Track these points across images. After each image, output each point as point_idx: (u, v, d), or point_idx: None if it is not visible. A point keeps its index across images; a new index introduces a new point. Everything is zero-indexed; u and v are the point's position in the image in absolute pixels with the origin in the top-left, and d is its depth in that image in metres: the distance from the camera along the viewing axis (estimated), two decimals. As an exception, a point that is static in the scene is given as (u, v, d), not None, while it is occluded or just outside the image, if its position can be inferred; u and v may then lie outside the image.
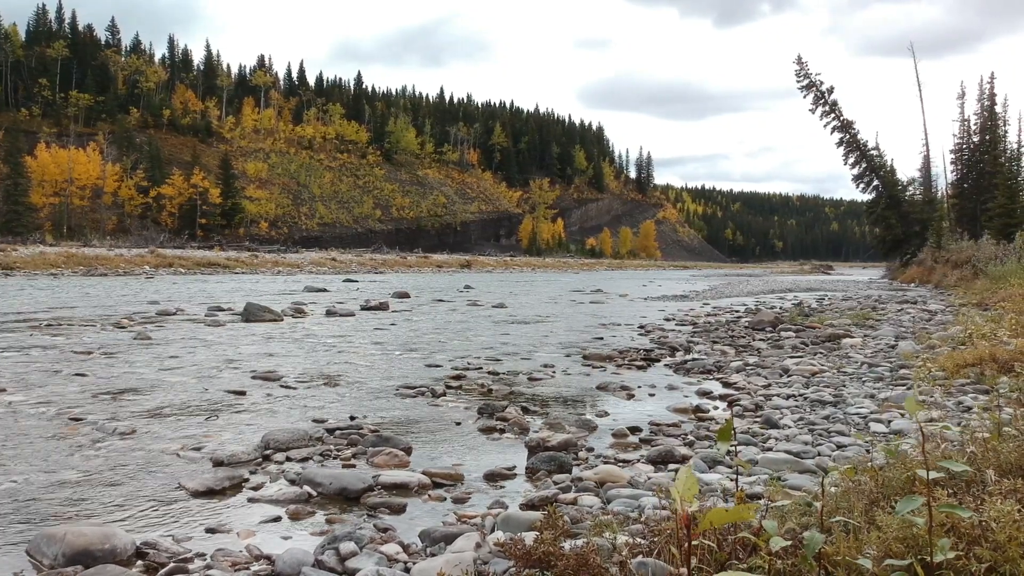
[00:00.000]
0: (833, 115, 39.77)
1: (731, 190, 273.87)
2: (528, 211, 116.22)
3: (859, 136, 39.65)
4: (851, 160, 39.83)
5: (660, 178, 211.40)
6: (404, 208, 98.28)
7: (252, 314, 11.94)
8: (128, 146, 75.71)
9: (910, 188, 39.45)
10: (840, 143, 39.88)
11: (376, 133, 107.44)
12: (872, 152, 39.45)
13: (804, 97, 40.04)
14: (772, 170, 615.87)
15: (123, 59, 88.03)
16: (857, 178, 40.09)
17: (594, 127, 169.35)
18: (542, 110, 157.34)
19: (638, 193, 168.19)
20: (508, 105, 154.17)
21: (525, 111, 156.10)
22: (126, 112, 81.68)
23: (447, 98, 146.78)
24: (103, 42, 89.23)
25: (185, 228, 72.47)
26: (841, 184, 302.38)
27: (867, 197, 41.40)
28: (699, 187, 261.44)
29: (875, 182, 39.66)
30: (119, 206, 71.15)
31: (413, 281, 26.79)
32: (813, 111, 39.92)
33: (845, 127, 39.64)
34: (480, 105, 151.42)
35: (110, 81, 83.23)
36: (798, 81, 39.75)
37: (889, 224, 39.01)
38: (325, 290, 22.21)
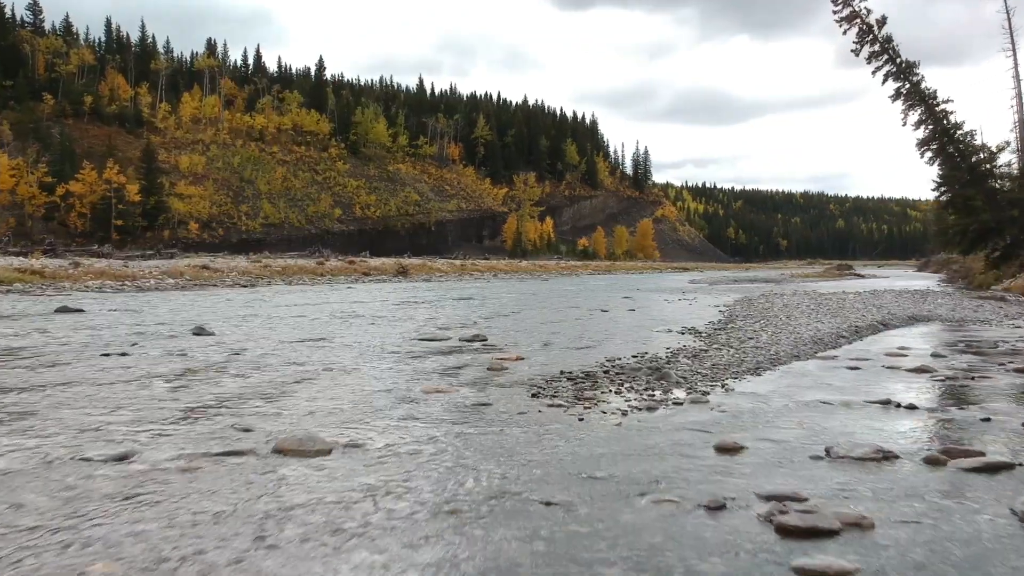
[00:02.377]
0: (886, 56, 28.89)
1: (732, 188, 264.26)
2: (514, 209, 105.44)
3: (924, 85, 28.71)
4: (913, 118, 28.90)
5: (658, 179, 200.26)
6: (370, 206, 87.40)
7: None
8: (35, 137, 65.05)
9: (1000, 157, 28.49)
10: (896, 95, 28.96)
11: (341, 124, 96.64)
12: (943, 107, 28.51)
13: (844, 32, 29.21)
14: (774, 170, 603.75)
15: (42, 41, 77.02)
16: (922, 143, 29.13)
17: (587, 120, 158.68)
18: (531, 102, 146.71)
19: (635, 190, 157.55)
20: (495, 97, 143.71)
21: (513, 103, 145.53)
22: (40, 99, 70.90)
23: (427, 90, 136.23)
24: (19, 21, 78.43)
25: (99, 230, 61.72)
26: (845, 182, 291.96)
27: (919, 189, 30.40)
28: (699, 185, 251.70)
29: (948, 148, 28.71)
30: (18, 206, 60.38)
31: (220, 307, 15.86)
32: (856, 51, 29.04)
33: (903, 72, 28.71)
34: (464, 97, 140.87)
35: (21, 64, 72.45)
36: (835, 9, 28.98)
37: (970, 207, 28.14)
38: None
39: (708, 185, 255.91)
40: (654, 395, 5.40)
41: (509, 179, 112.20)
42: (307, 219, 78.15)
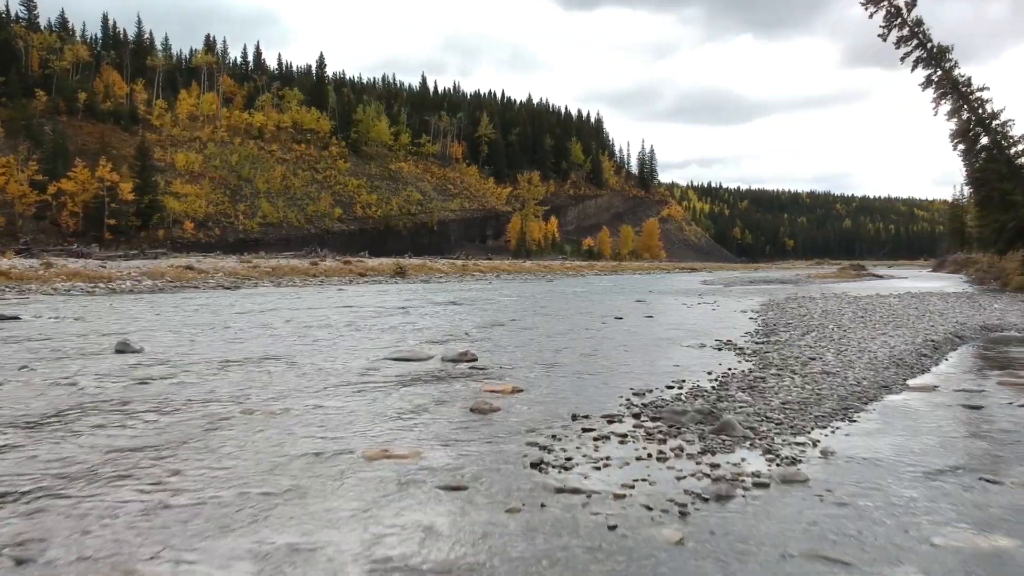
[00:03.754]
0: (915, 41, 26.94)
1: (738, 187, 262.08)
2: (518, 209, 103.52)
3: (957, 71, 26.76)
4: (945, 108, 26.93)
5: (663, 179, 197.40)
6: (371, 206, 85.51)
7: None
8: (27, 135, 63.37)
9: (1039, 147, 26.51)
10: (927, 83, 27.02)
11: (342, 122, 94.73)
12: (978, 95, 26.56)
13: (870, 16, 27.27)
14: (779, 170, 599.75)
15: (36, 36, 75.32)
16: (956, 135, 27.19)
17: (592, 118, 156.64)
18: (535, 101, 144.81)
19: (641, 189, 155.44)
20: (499, 95, 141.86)
21: (517, 101, 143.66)
22: (32, 96, 69.19)
23: (431, 88, 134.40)
24: (12, 16, 76.74)
25: (91, 230, 59.97)
26: (851, 181, 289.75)
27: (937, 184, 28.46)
28: (705, 184, 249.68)
29: (983, 139, 26.76)
30: (8, 205, 58.64)
31: (181, 314, 14.02)
32: (884, 36, 27.11)
33: (935, 58, 26.78)
34: (468, 95, 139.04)
35: (14, 60, 70.74)
36: (861, -10, 27.08)
37: (1008, 203, 26.18)
38: None
39: (713, 185, 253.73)
40: (717, 464, 3.53)
41: (513, 178, 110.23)
42: (306, 219, 76.25)
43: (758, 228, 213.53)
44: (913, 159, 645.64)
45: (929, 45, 26.44)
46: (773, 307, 15.11)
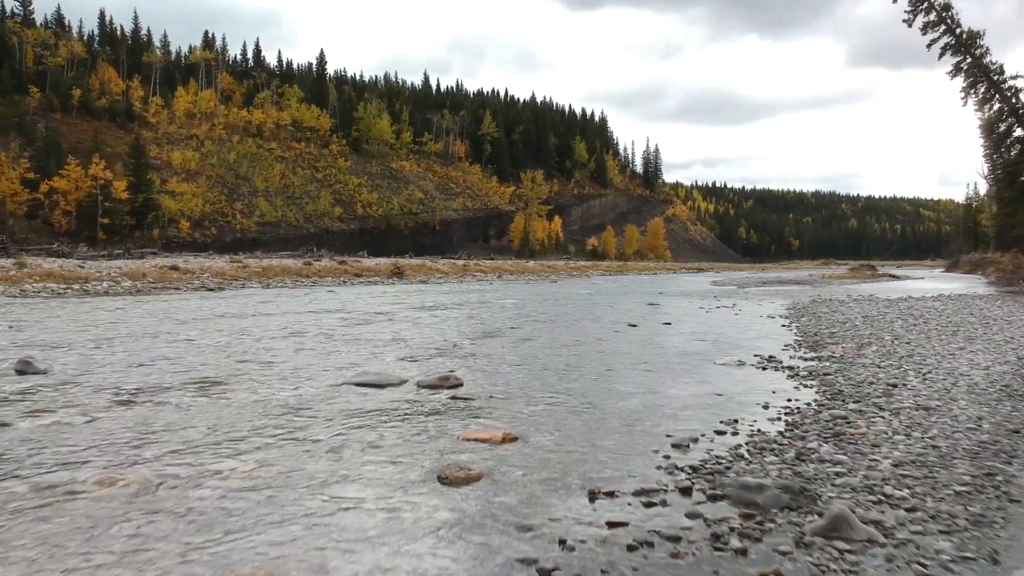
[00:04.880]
0: (943, 27, 25.33)
1: (743, 187, 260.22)
2: (521, 208, 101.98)
3: (988, 59, 25.15)
4: (976, 96, 25.31)
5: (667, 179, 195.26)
6: (372, 205, 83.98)
7: None
8: (19, 132, 62.01)
9: (1076, 138, 24.87)
10: (956, 70, 25.42)
11: (342, 120, 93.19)
12: (1011, 83, 24.92)
13: (894, 0, 25.65)
14: (783, 170, 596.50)
15: (30, 32, 73.88)
16: (987, 127, 25.56)
17: (596, 117, 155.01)
18: (539, 100, 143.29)
19: (645, 189, 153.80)
20: (502, 94, 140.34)
21: (520, 100, 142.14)
22: (26, 92, 67.82)
23: (433, 86, 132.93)
24: (7, 12, 75.35)
25: (85, 229, 58.59)
26: (856, 182, 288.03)
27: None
28: (709, 184, 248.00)
29: (1016, 130, 25.15)
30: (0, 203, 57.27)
31: (137, 320, 12.51)
32: (909, 22, 25.49)
33: (964, 45, 25.16)
34: (471, 94, 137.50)
35: (8, 56, 69.36)
36: (887, -24, 25.42)
37: (1042, 197, 24.58)
38: None
39: (718, 185, 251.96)
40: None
41: (516, 177, 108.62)
42: (305, 218, 74.67)
43: (763, 228, 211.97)
44: (917, 159, 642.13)
45: (958, 31, 24.83)
46: (803, 312, 13.54)
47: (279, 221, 71.25)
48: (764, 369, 6.54)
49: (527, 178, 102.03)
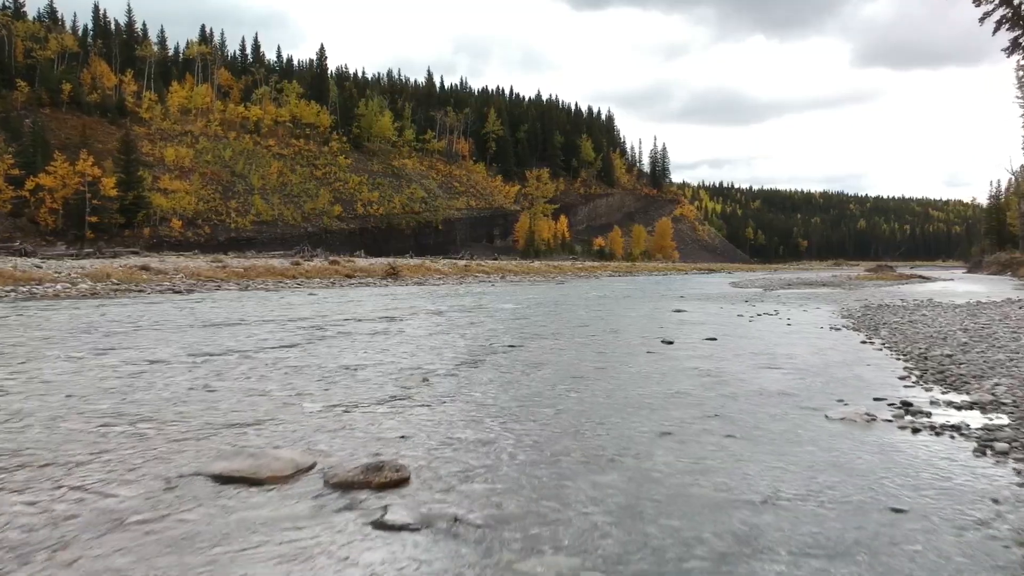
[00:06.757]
0: None
1: (750, 187, 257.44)
2: (526, 207, 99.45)
3: (1047, 35, 22.45)
4: (1033, 78, 22.59)
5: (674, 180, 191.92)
6: (372, 204, 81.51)
7: None
8: (5, 127, 59.75)
9: None
10: (1013, 47, 22.77)
11: (343, 116, 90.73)
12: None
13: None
14: (790, 170, 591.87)
15: (20, 25, 71.61)
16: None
17: (603, 116, 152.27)
18: (544, 98, 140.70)
19: (652, 188, 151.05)
20: (507, 92, 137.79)
21: (525, 98, 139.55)
22: (13, 87, 65.57)
23: (437, 84, 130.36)
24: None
25: (72, 227, 56.23)
26: (863, 182, 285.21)
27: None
28: (716, 184, 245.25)
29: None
30: (-18, 201, 54.97)
31: (55, 334, 9.81)
32: (959, -3, 22.80)
33: (1023, 17, 22.52)
34: (476, 92, 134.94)
35: (-4, 49, 67.22)
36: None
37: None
38: None
39: (725, 185, 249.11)
40: None
41: (521, 176, 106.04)
42: (303, 216, 72.18)
43: (771, 228, 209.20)
44: (923, 160, 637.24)
45: (1016, 2, 22.15)
46: (870, 321, 10.94)
47: (276, 220, 68.82)
48: (915, 432, 3.98)
49: (532, 177, 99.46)
